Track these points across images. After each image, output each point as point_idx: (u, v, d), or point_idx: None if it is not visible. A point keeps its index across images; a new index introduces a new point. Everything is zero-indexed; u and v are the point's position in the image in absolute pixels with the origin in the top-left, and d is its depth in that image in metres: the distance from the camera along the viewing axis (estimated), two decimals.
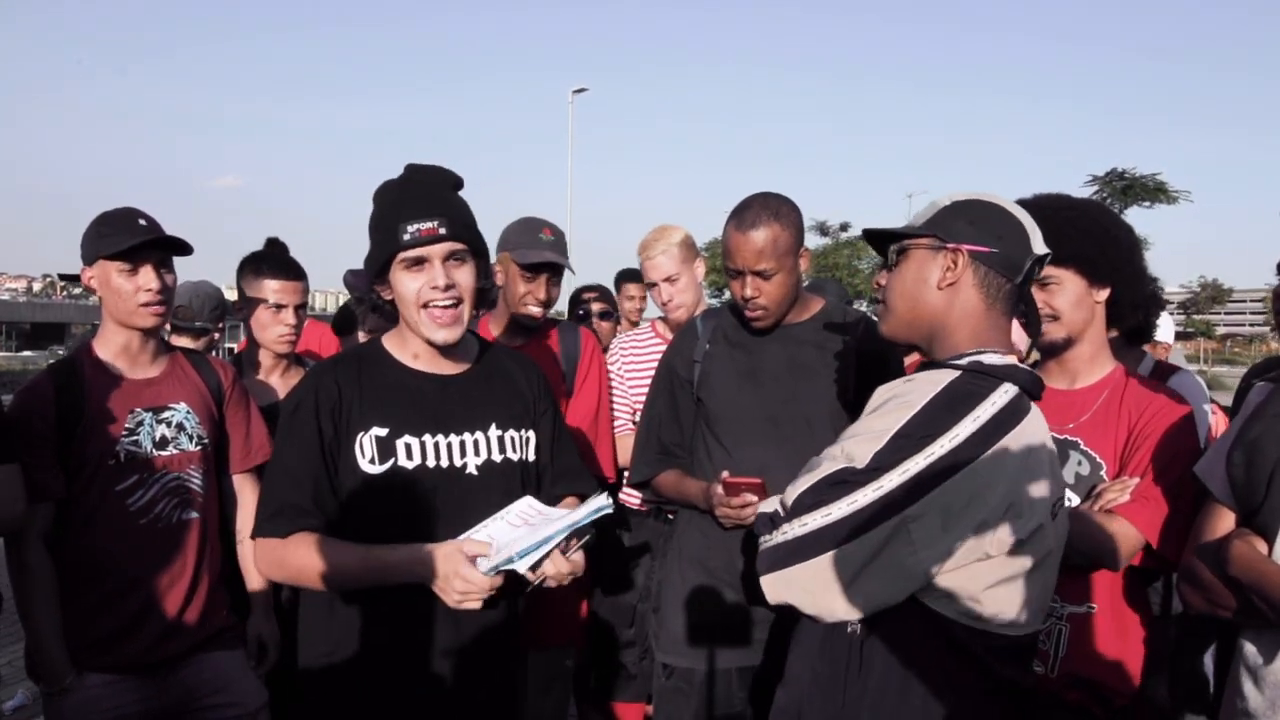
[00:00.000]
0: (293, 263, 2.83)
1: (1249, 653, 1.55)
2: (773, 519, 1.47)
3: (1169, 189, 25.41)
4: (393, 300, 1.84)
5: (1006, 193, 1.59)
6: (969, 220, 1.49)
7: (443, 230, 1.76)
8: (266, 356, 2.83)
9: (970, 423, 1.37)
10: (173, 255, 2.28)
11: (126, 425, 2.19)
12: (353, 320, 3.80)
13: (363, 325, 3.59)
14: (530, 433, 1.97)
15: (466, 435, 1.86)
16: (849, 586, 1.37)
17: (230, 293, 3.31)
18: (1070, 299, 1.95)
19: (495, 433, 1.89)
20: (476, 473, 1.86)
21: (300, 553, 1.73)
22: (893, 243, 1.57)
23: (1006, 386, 1.42)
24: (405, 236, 1.75)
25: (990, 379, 1.43)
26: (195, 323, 3.24)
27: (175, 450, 2.26)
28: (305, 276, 2.83)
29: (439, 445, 1.83)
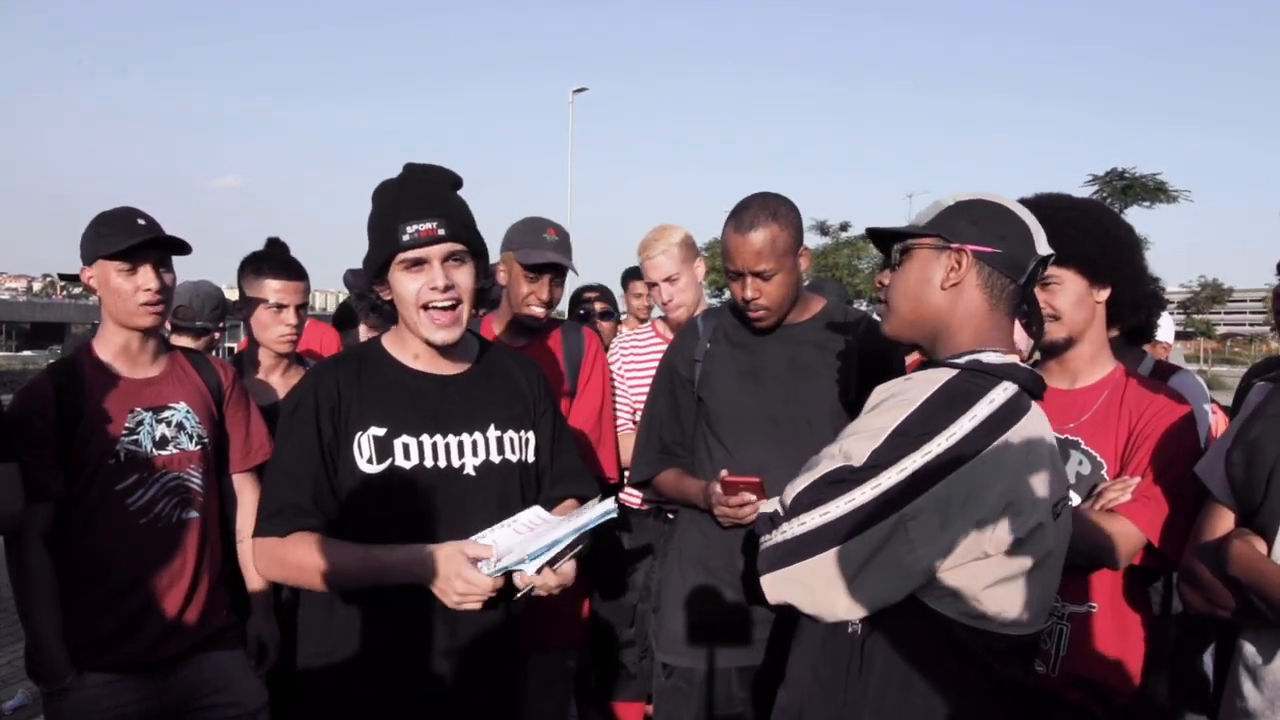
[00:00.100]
0: (293, 262, 2.83)
1: (1248, 652, 1.55)
2: (773, 519, 1.46)
3: (1169, 188, 25.43)
4: (392, 300, 1.84)
5: (1006, 193, 1.59)
6: (973, 220, 1.49)
7: (442, 231, 1.75)
8: (267, 356, 2.83)
9: (968, 420, 1.37)
10: (171, 255, 2.28)
11: (126, 425, 2.19)
12: (353, 316, 3.81)
13: (365, 320, 3.59)
14: (529, 434, 1.96)
15: (465, 436, 1.86)
16: (848, 585, 1.37)
17: (231, 293, 3.31)
18: (1071, 299, 1.95)
19: (494, 433, 1.89)
20: (474, 473, 1.85)
21: (299, 552, 1.73)
22: (896, 242, 1.57)
23: (1005, 385, 1.42)
24: (404, 237, 1.75)
25: (989, 377, 1.42)
26: (195, 322, 3.24)
27: (175, 450, 2.26)
28: (306, 276, 2.83)
29: (437, 445, 1.83)
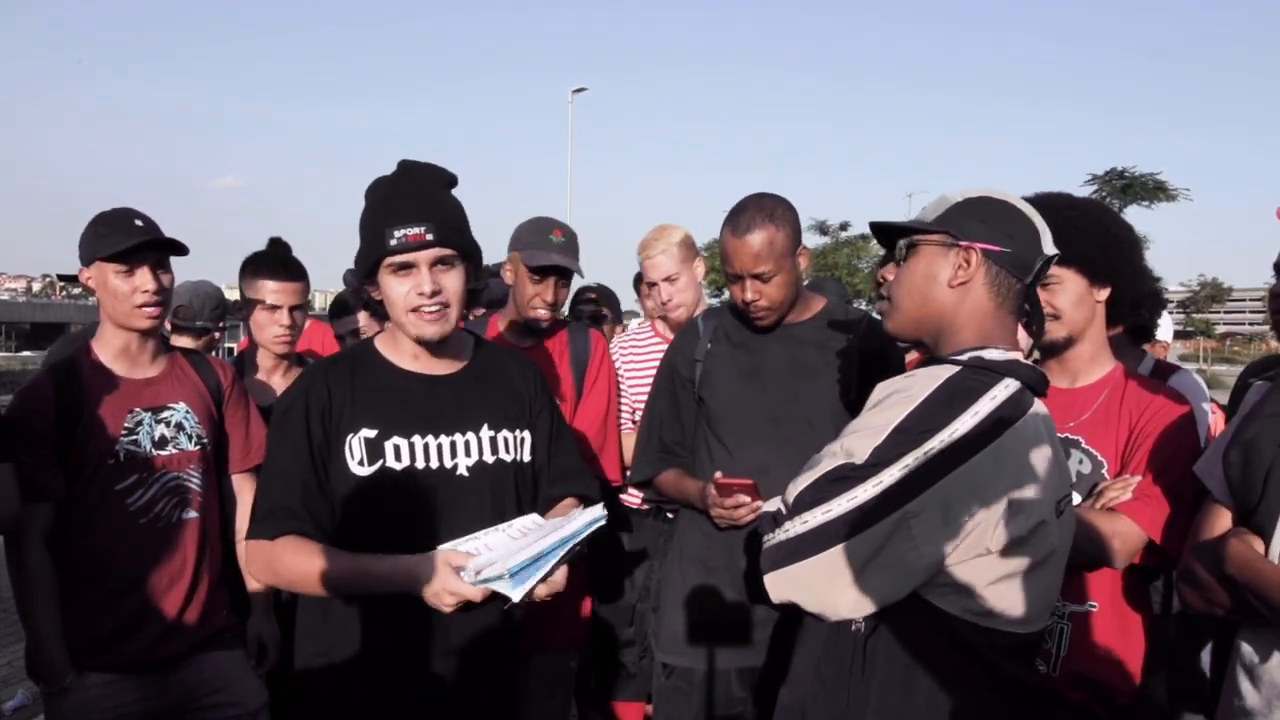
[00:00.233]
0: (292, 263, 2.81)
1: (1246, 652, 1.56)
2: (775, 518, 1.46)
3: (1168, 188, 25.45)
4: (382, 300, 1.83)
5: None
6: (982, 218, 1.48)
7: (429, 236, 1.73)
8: (266, 357, 2.82)
9: (969, 417, 1.36)
10: (169, 256, 2.28)
11: (126, 425, 2.19)
12: (346, 306, 3.78)
13: (360, 305, 3.56)
14: (525, 433, 1.95)
15: (457, 436, 1.84)
16: (852, 583, 1.36)
17: (231, 293, 3.30)
18: (1071, 298, 1.95)
19: (487, 433, 1.88)
20: (467, 474, 1.84)
21: (289, 559, 1.72)
22: (901, 237, 1.55)
23: (1007, 381, 1.42)
24: (391, 242, 1.73)
25: (991, 374, 1.42)
26: (195, 322, 3.24)
27: (174, 450, 2.25)
28: (304, 277, 2.81)
29: (429, 446, 1.82)
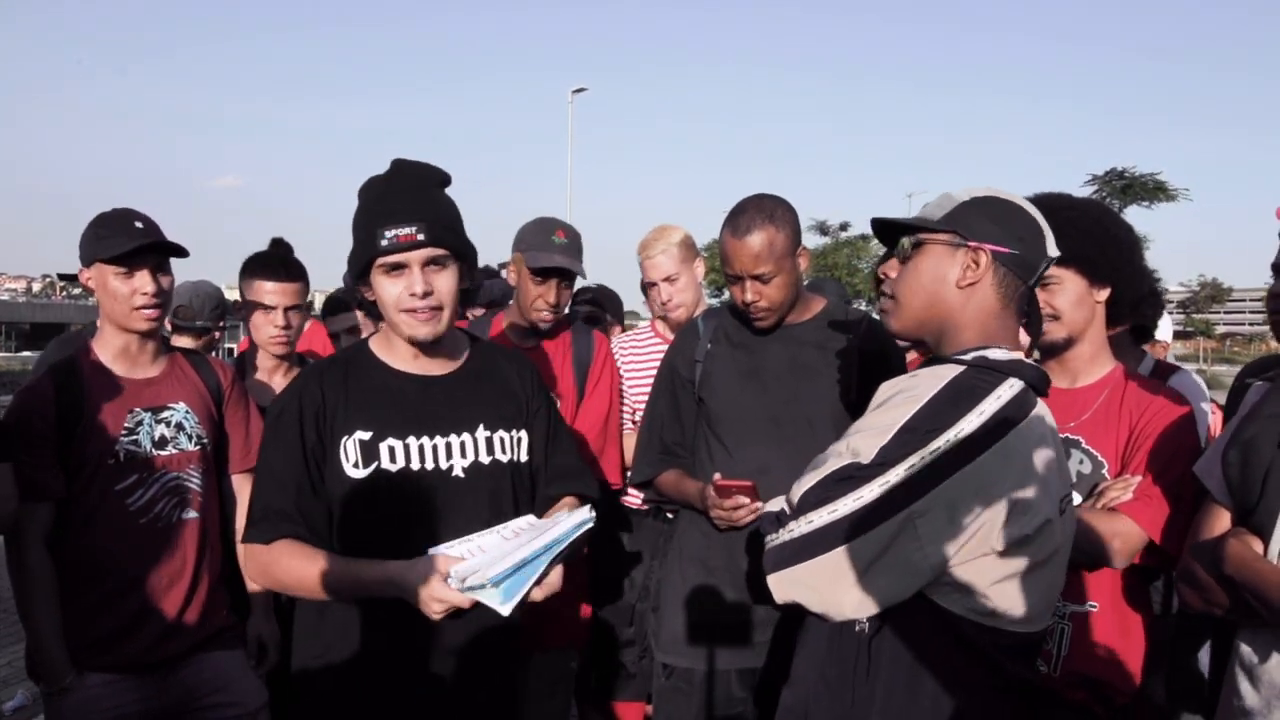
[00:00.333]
0: (290, 263, 2.80)
1: (1245, 652, 1.56)
2: (779, 517, 1.46)
3: (1168, 188, 25.48)
4: (375, 300, 1.82)
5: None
6: (991, 219, 1.47)
7: (421, 236, 1.72)
8: (266, 357, 2.82)
9: (975, 417, 1.36)
10: (169, 258, 2.27)
11: (126, 425, 2.19)
12: (340, 304, 3.77)
13: (356, 305, 3.55)
14: (522, 433, 1.93)
15: (453, 437, 1.83)
16: (856, 583, 1.36)
17: (231, 293, 3.30)
18: (1071, 299, 1.96)
19: (483, 434, 1.86)
20: (463, 475, 1.83)
21: (283, 563, 1.72)
22: (904, 234, 1.54)
23: (1012, 381, 1.42)
24: (383, 242, 1.72)
25: (995, 374, 1.42)
26: (195, 322, 3.24)
27: (174, 450, 2.26)
28: (302, 278, 2.80)
29: (424, 448, 1.80)
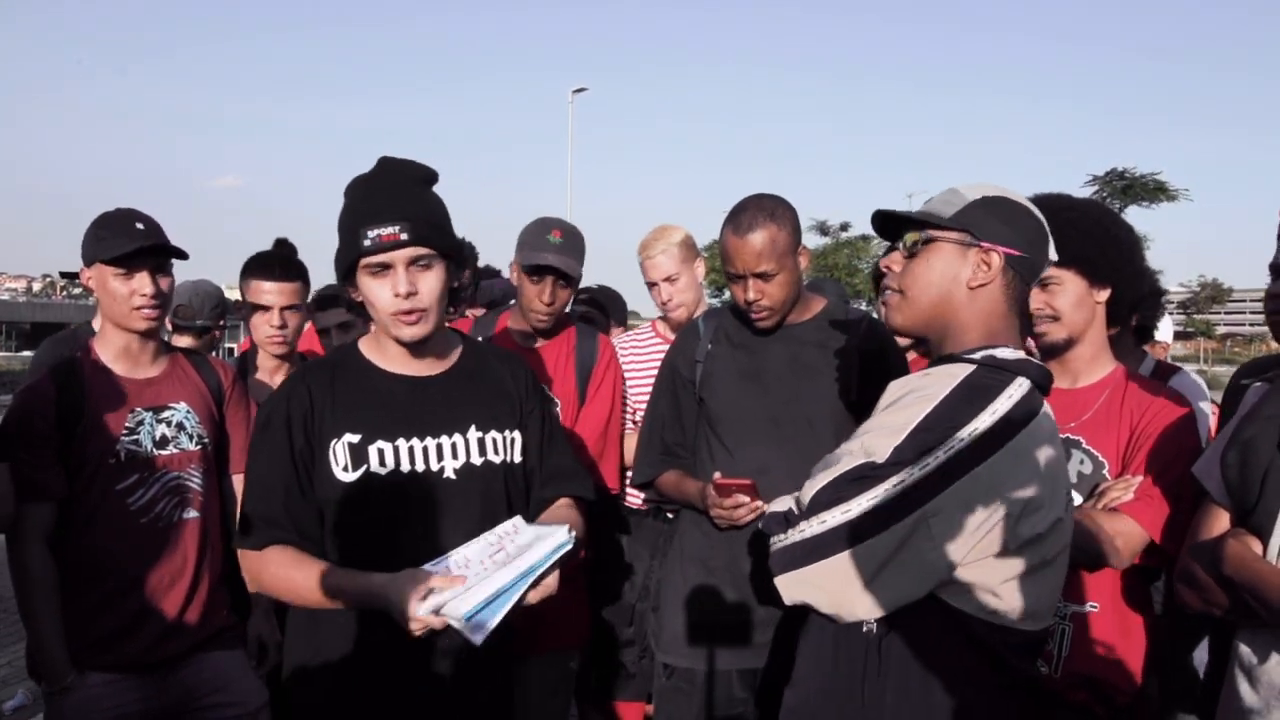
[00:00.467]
0: (288, 263, 2.80)
1: (1244, 653, 1.56)
2: (786, 518, 1.45)
3: (1169, 188, 25.47)
4: (363, 301, 1.80)
5: None
6: (1002, 220, 1.47)
7: (404, 236, 1.68)
8: (267, 357, 2.83)
9: (988, 416, 1.37)
10: (169, 260, 2.27)
11: (126, 424, 2.19)
12: (328, 300, 3.76)
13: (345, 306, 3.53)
14: (515, 434, 1.89)
15: (444, 438, 1.80)
16: (869, 584, 1.36)
17: (231, 292, 3.30)
18: (1071, 299, 1.96)
19: (475, 435, 1.83)
20: (455, 476, 1.79)
21: (271, 570, 1.72)
22: (912, 229, 1.53)
23: (1021, 380, 1.42)
24: (365, 242, 1.68)
25: (1005, 373, 1.43)
26: (196, 321, 3.24)
27: (175, 450, 2.26)
28: (300, 278, 2.80)
29: (414, 449, 1.77)
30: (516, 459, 1.89)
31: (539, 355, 2.74)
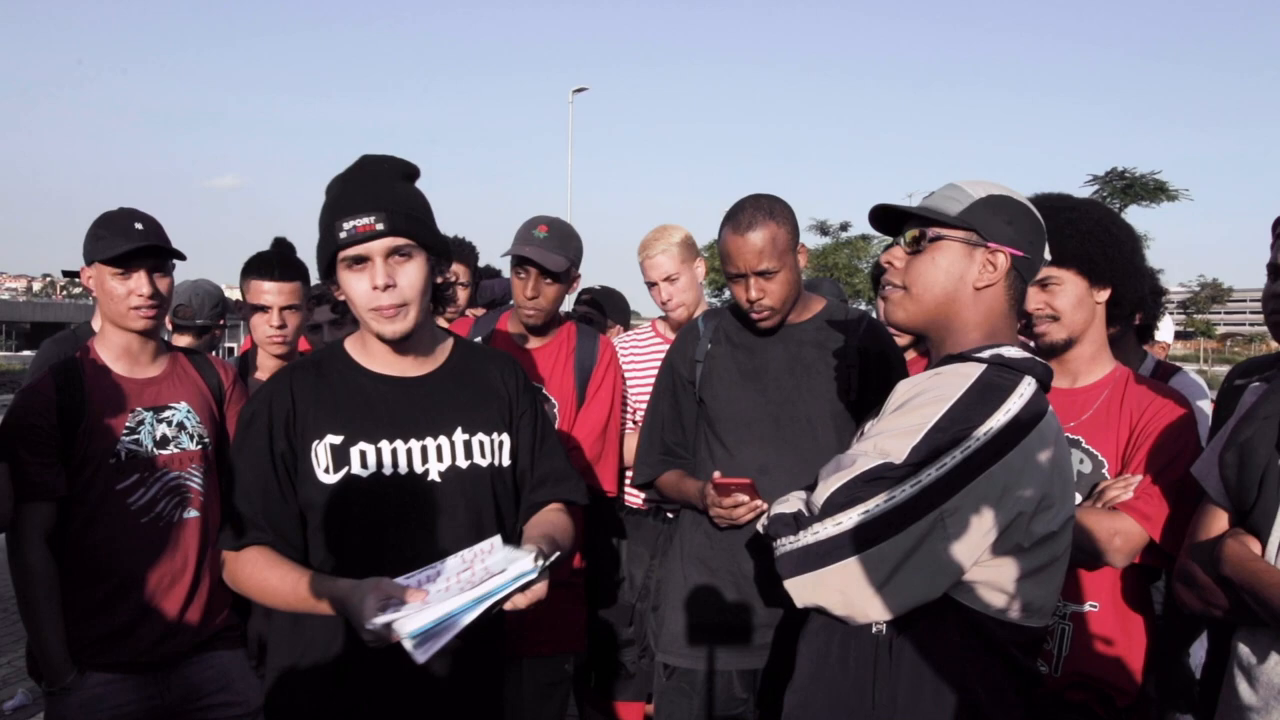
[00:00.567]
0: (286, 263, 2.80)
1: (1243, 653, 1.56)
2: (796, 520, 1.45)
3: (1169, 188, 25.49)
4: (345, 300, 1.75)
5: None
6: (1007, 220, 1.47)
7: (380, 226, 1.64)
8: (267, 357, 2.83)
9: (1002, 415, 1.37)
10: (168, 261, 2.27)
11: (127, 424, 2.19)
12: (318, 297, 3.75)
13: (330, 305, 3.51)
14: (503, 436, 1.84)
15: (429, 440, 1.75)
16: (884, 585, 1.36)
17: (231, 292, 3.31)
18: (1071, 300, 1.96)
19: (461, 437, 1.78)
20: (439, 479, 1.75)
21: (246, 571, 1.70)
22: (915, 225, 1.53)
23: (1029, 379, 1.43)
24: (341, 235, 1.64)
25: (1014, 372, 1.44)
26: (195, 320, 3.25)
27: (176, 449, 2.26)
28: (298, 277, 2.80)
29: (397, 452, 1.73)
30: (505, 462, 1.84)
31: (538, 355, 2.74)
